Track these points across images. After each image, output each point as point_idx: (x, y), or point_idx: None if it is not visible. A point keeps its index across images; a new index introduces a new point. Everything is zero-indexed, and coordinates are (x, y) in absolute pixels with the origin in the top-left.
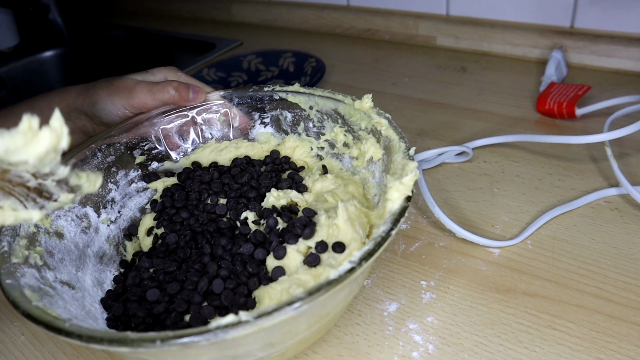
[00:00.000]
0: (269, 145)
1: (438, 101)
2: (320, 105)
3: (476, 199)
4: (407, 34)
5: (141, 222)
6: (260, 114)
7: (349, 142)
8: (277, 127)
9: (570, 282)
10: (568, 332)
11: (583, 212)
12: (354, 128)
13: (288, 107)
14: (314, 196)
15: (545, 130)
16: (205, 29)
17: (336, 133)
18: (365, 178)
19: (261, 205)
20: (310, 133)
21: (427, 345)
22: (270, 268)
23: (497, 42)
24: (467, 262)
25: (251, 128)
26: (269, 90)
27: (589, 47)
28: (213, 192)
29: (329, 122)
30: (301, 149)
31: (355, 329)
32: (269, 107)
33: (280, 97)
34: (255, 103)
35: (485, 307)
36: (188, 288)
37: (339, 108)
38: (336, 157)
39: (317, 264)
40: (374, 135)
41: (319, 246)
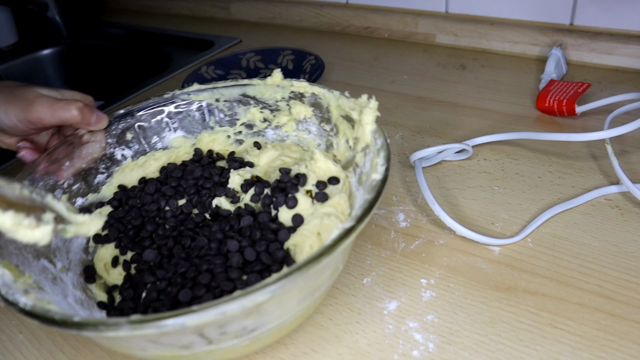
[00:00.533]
0: (185, 148)
1: (437, 99)
2: (227, 95)
3: (476, 197)
4: (406, 32)
5: (96, 259)
6: (166, 120)
7: (268, 117)
8: (187, 129)
9: (571, 280)
10: (569, 331)
11: (583, 210)
12: (269, 103)
13: (193, 105)
14: (266, 167)
15: (545, 127)
16: (204, 26)
17: (252, 113)
18: (300, 137)
19: (228, 189)
20: (223, 123)
21: (428, 344)
22: (286, 221)
23: (496, 39)
24: (468, 260)
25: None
26: (169, 96)
27: (588, 44)
28: (169, 196)
29: (240, 107)
30: (219, 140)
31: (355, 327)
32: (173, 111)
33: (182, 98)
34: (159, 110)
35: (485, 306)
36: (218, 271)
37: (247, 91)
38: (257, 135)
39: (326, 199)
40: (298, 99)
41: (320, 185)
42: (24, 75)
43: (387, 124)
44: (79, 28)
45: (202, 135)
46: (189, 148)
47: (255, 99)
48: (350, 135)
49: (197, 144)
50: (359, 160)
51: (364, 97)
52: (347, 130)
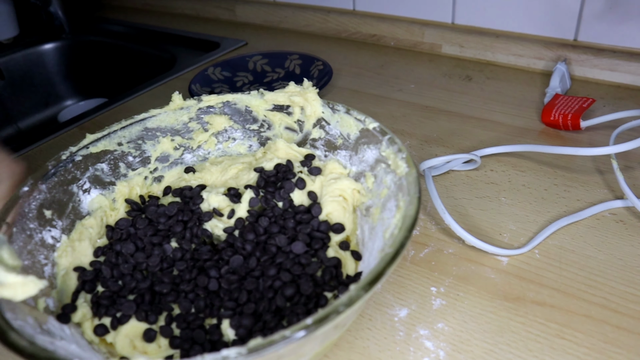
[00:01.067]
0: (102, 209)
1: (444, 109)
2: (128, 136)
3: (484, 207)
4: (412, 41)
5: (117, 339)
6: (76, 186)
7: (181, 143)
8: (101, 185)
9: (578, 292)
10: (577, 342)
11: (589, 223)
12: (177, 129)
13: (97, 159)
14: (223, 181)
15: (550, 141)
16: (208, 28)
17: (163, 144)
18: (225, 148)
19: (213, 211)
20: (135, 166)
21: (438, 352)
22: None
23: (501, 52)
24: (476, 269)
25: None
26: (67, 156)
27: (591, 60)
28: (157, 244)
29: (147, 144)
30: (138, 185)
31: (366, 333)
32: (78, 172)
33: (82, 155)
34: (64, 178)
35: (494, 315)
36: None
37: (148, 124)
38: (175, 164)
39: (320, 171)
40: (207, 113)
41: (305, 163)
42: (25, 69)
43: (394, 132)
44: (81, 24)
45: (118, 187)
46: (109, 205)
47: (161, 130)
48: (291, 120)
49: (117, 196)
50: (315, 135)
51: (292, 84)
52: (284, 117)
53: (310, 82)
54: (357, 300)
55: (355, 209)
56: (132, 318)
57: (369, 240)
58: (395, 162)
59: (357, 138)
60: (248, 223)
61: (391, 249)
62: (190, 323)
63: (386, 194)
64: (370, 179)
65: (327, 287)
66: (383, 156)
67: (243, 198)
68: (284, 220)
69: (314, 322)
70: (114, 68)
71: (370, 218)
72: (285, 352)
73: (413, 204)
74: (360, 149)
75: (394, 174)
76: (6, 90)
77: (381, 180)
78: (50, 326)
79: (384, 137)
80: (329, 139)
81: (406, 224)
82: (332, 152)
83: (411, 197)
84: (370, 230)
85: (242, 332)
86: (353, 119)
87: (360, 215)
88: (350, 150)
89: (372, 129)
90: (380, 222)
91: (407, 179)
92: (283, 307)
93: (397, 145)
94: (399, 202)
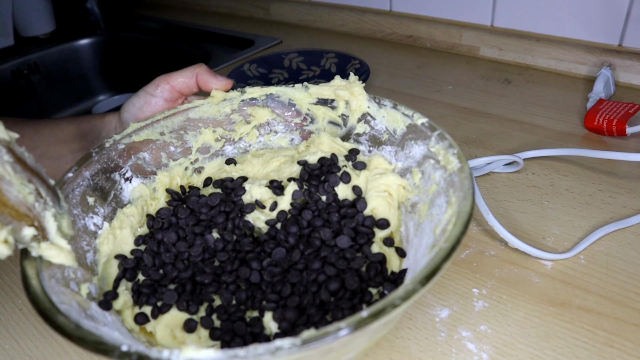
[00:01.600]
0: (143, 198)
1: (483, 111)
2: (170, 126)
3: (526, 210)
4: (450, 43)
5: (157, 329)
6: (119, 174)
7: (223, 134)
8: (142, 174)
9: (626, 300)
10: (626, 351)
11: (636, 231)
12: (219, 120)
13: (139, 148)
14: (264, 174)
15: (593, 146)
16: (243, 26)
17: (205, 135)
18: (266, 141)
19: (256, 202)
20: (176, 156)
21: (482, 355)
22: (346, 197)
23: (541, 56)
24: (519, 272)
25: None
26: (111, 143)
27: (637, 66)
28: (199, 234)
29: (189, 134)
30: (178, 175)
31: (406, 332)
32: (121, 161)
33: (125, 143)
34: (107, 166)
35: (539, 320)
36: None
37: (191, 115)
38: (216, 156)
39: (365, 165)
40: (251, 105)
41: (349, 157)
42: (60, 64)
43: None
44: (117, 20)
45: (158, 177)
46: (150, 195)
47: (203, 120)
48: (335, 114)
49: (158, 186)
50: (360, 130)
51: (337, 78)
52: (328, 111)
53: (356, 77)
54: (413, 294)
55: (400, 205)
56: (172, 307)
57: (414, 237)
58: (445, 158)
59: (404, 134)
60: (291, 216)
61: (447, 243)
62: (231, 315)
63: (435, 190)
64: (417, 175)
65: (372, 283)
66: (432, 152)
67: (286, 191)
68: (328, 214)
69: (369, 315)
70: (147, 64)
71: (416, 214)
72: (337, 345)
73: (468, 199)
74: (407, 144)
75: (444, 170)
76: (41, 84)
77: (429, 176)
78: (93, 312)
79: (433, 132)
80: (374, 134)
81: (462, 219)
82: (376, 147)
83: (465, 192)
84: (416, 227)
85: (286, 325)
86: (400, 114)
87: (405, 212)
88: (396, 145)
89: (421, 124)
90: (429, 218)
91: (460, 175)
92: (327, 301)
93: (447, 141)
94: (450, 198)
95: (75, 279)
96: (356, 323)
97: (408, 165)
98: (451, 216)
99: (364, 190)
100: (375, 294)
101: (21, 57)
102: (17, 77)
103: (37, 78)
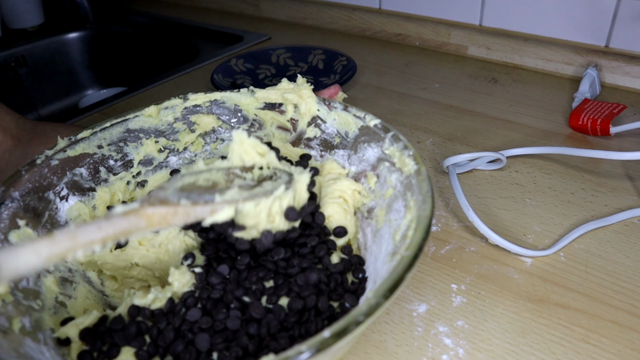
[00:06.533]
0: (82, 217)
1: (469, 109)
2: (109, 138)
3: (508, 208)
4: (438, 42)
5: None
6: (53, 192)
7: (166, 144)
8: (80, 192)
9: (604, 298)
10: (602, 347)
11: (616, 229)
12: (161, 130)
13: (75, 163)
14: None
15: (577, 145)
16: (232, 22)
17: (147, 146)
18: (212, 150)
19: None
20: (117, 170)
21: (458, 350)
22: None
23: (529, 56)
24: (499, 269)
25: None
26: (42, 160)
27: (623, 67)
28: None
29: (129, 146)
30: (119, 191)
31: (383, 327)
32: (55, 178)
33: (59, 159)
34: (39, 184)
35: (517, 316)
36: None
37: (130, 125)
38: (160, 168)
39: (318, 171)
40: (194, 113)
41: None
42: (48, 57)
43: (418, 129)
44: (106, 14)
45: (98, 193)
46: (90, 213)
47: (144, 131)
48: (283, 119)
49: (98, 205)
50: (310, 134)
51: (285, 81)
52: (276, 116)
53: (304, 79)
54: (377, 309)
55: (356, 211)
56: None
57: (372, 243)
58: (401, 160)
59: (357, 136)
60: None
61: (409, 251)
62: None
63: (392, 194)
64: (372, 179)
65: (334, 296)
66: (386, 154)
67: None
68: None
69: (332, 335)
70: (136, 59)
71: (373, 220)
72: None
73: (427, 202)
74: (360, 147)
75: (400, 173)
76: (28, 77)
77: (385, 179)
78: (27, 349)
79: (386, 134)
80: (325, 138)
81: (422, 224)
82: (328, 151)
83: (424, 195)
84: (373, 233)
85: None
86: (352, 116)
87: (362, 218)
88: (349, 149)
89: (373, 126)
90: (387, 224)
91: (417, 177)
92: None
93: (402, 142)
94: (408, 202)
95: (5, 314)
96: (318, 345)
97: (362, 169)
98: (410, 221)
99: (318, 197)
100: (337, 307)
101: (9, 50)
102: (4, 69)
103: (25, 71)
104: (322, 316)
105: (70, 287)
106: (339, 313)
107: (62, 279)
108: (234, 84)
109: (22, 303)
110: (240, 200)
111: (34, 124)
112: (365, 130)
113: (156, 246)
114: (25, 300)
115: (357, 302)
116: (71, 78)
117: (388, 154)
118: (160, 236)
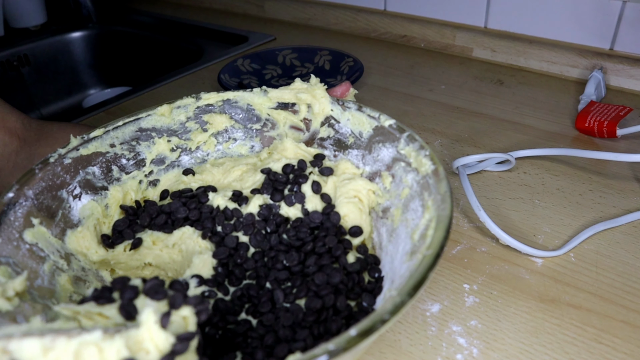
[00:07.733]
0: (94, 216)
1: (475, 110)
2: (121, 137)
3: (517, 209)
4: (443, 44)
5: None
6: (66, 191)
7: (178, 144)
8: (93, 190)
9: (615, 298)
10: (615, 347)
11: (625, 230)
12: (173, 129)
13: (88, 162)
14: (226, 185)
15: (584, 147)
16: (237, 22)
17: (159, 145)
18: (225, 149)
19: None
20: (129, 169)
21: (472, 349)
22: (315, 207)
23: (534, 58)
24: (510, 269)
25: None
26: (55, 158)
27: (628, 70)
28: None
29: (141, 145)
30: (132, 189)
31: (397, 326)
32: (68, 177)
33: (72, 157)
34: (52, 183)
35: (529, 315)
36: None
37: (142, 124)
38: (172, 167)
39: (332, 171)
40: (206, 112)
41: (315, 163)
42: (50, 56)
43: (425, 130)
44: (109, 14)
45: (110, 192)
46: (102, 212)
47: (156, 130)
48: (297, 119)
49: (110, 202)
50: (324, 134)
51: (298, 81)
52: (289, 116)
53: (317, 79)
54: (402, 307)
55: (371, 210)
56: None
57: (388, 243)
58: (417, 160)
59: (371, 136)
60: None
61: (430, 250)
62: None
63: (408, 194)
64: (387, 179)
65: (351, 295)
66: (402, 154)
67: (252, 202)
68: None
69: (358, 333)
70: (139, 59)
71: (389, 220)
72: None
73: (446, 202)
74: (375, 147)
75: (416, 173)
76: (31, 76)
77: (400, 179)
78: None
79: (402, 134)
80: (339, 138)
81: (443, 223)
82: (342, 151)
83: (442, 195)
84: (389, 232)
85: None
86: (366, 116)
87: (376, 218)
88: (363, 149)
89: (388, 126)
90: (403, 223)
91: (434, 177)
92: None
93: (418, 142)
94: (425, 201)
95: (22, 312)
96: (345, 343)
97: (377, 169)
98: (429, 221)
99: (333, 197)
100: (354, 307)
101: (11, 49)
102: (7, 69)
103: (27, 70)
104: (340, 315)
105: (84, 286)
106: (357, 312)
107: (75, 277)
108: (240, 84)
109: (38, 301)
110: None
111: (40, 124)
112: (380, 130)
113: (170, 246)
114: (41, 299)
115: (374, 302)
116: (73, 77)
117: (404, 154)
118: (174, 236)
